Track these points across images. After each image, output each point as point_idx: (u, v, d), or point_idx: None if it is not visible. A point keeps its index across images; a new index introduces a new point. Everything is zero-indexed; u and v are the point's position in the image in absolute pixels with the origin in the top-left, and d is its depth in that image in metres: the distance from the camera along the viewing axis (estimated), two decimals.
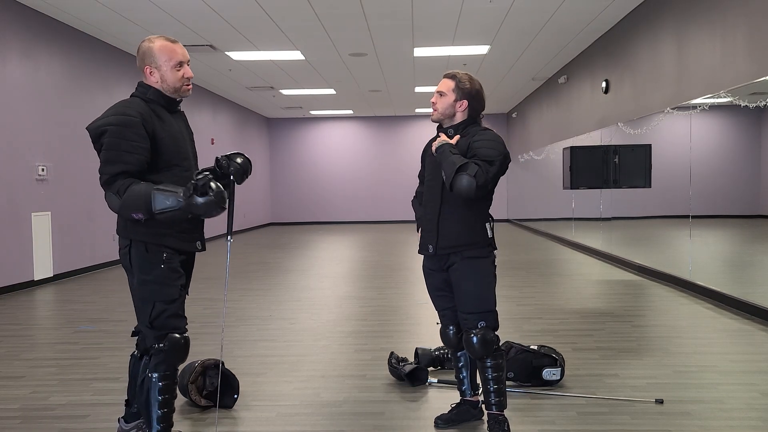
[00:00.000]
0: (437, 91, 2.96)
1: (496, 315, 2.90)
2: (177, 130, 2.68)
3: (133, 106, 2.54)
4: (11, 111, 7.17)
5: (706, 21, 6.16)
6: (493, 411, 2.86)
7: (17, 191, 7.24)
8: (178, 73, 2.63)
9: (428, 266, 3.03)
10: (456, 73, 2.95)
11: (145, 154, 2.50)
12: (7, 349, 4.61)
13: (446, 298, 3.00)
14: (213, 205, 2.41)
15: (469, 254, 2.86)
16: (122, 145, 2.46)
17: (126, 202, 2.43)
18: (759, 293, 5.38)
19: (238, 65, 10.90)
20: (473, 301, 2.85)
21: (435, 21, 8.29)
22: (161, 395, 2.57)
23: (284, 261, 9.78)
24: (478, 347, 2.82)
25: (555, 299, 6.15)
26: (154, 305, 2.54)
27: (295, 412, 3.24)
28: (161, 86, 2.62)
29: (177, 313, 2.59)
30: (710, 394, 3.40)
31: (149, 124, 2.53)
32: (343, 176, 18.84)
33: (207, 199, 2.40)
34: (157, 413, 2.57)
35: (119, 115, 2.50)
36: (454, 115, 2.94)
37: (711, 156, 6.45)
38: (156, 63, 2.60)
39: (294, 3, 7.41)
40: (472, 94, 2.92)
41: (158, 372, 2.56)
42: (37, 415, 3.25)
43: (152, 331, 2.56)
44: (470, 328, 2.85)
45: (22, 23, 7.35)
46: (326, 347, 4.50)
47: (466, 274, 2.86)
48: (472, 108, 2.94)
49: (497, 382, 2.85)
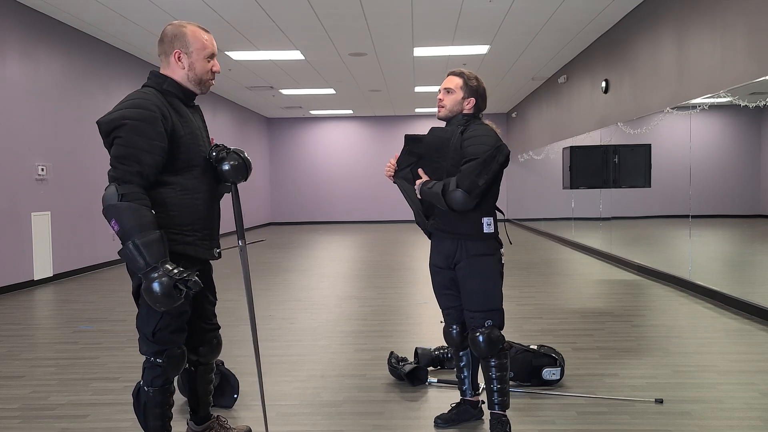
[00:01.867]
0: (444, 88, 2.92)
1: (503, 313, 2.89)
2: (196, 127, 2.49)
3: (151, 99, 2.32)
4: (11, 111, 7.17)
5: (706, 21, 6.16)
6: (495, 411, 2.85)
7: (17, 191, 7.24)
8: (208, 65, 2.46)
9: (435, 264, 3.01)
10: (463, 70, 2.94)
11: (162, 155, 2.30)
12: (6, 349, 4.61)
13: (452, 297, 2.99)
14: (158, 297, 2.18)
15: (475, 252, 2.85)
16: (140, 143, 2.25)
17: (119, 211, 2.21)
18: (759, 293, 5.38)
19: (238, 65, 10.90)
20: (479, 300, 2.84)
21: (435, 21, 8.29)
22: (159, 408, 2.46)
23: (284, 261, 9.78)
24: (484, 346, 2.82)
25: (555, 299, 6.15)
26: (162, 316, 2.35)
27: (295, 412, 3.24)
28: (186, 74, 2.42)
29: (182, 327, 2.44)
30: (710, 394, 3.40)
31: (168, 120, 2.33)
32: (343, 176, 18.83)
33: (159, 292, 2.18)
34: (156, 424, 2.47)
35: (137, 109, 2.28)
36: (461, 113, 2.93)
37: (711, 156, 6.45)
38: (188, 48, 2.41)
39: (294, 3, 7.41)
40: (480, 92, 2.92)
41: (155, 386, 2.43)
42: (37, 415, 3.25)
43: (152, 344, 2.39)
44: (476, 327, 2.83)
45: (22, 23, 7.35)
46: (326, 347, 4.50)
47: (473, 272, 2.85)
48: (478, 107, 2.94)
49: (501, 381, 2.84)
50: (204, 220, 2.50)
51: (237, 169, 2.52)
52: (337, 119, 18.79)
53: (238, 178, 2.55)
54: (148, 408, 2.45)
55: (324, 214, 18.89)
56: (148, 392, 2.44)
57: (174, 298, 2.21)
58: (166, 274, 2.19)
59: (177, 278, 2.19)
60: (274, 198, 18.96)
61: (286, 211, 19.00)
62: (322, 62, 10.81)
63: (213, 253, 2.56)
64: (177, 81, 2.44)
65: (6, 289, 6.99)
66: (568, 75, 11.26)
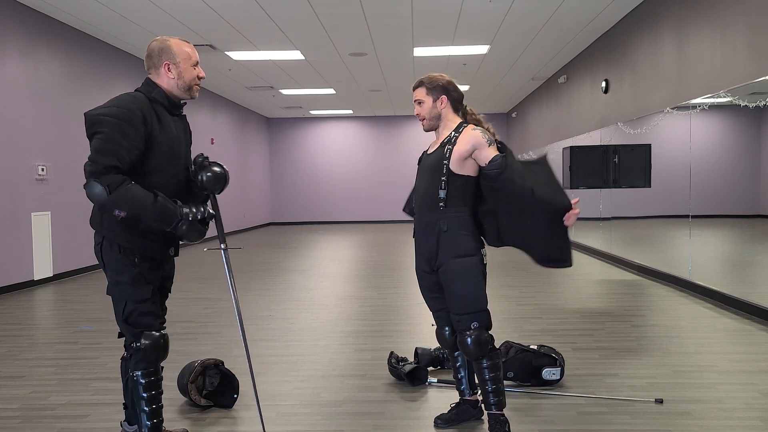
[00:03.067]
0: (415, 101, 3.00)
1: (489, 314, 2.87)
2: (174, 135, 2.66)
3: (137, 103, 2.52)
4: (11, 111, 7.17)
5: (705, 21, 6.16)
6: (492, 411, 2.85)
7: (17, 191, 7.24)
8: (194, 72, 2.65)
9: (421, 268, 3.00)
10: (421, 78, 2.99)
11: (137, 157, 2.49)
12: (7, 349, 4.61)
13: (439, 299, 2.98)
14: (194, 235, 2.56)
15: (455, 254, 2.83)
16: (120, 140, 2.43)
17: (118, 200, 2.40)
18: (759, 293, 5.38)
19: (238, 65, 10.90)
20: (464, 302, 2.83)
21: (435, 21, 8.29)
22: (146, 392, 2.60)
23: (284, 261, 9.78)
24: (472, 348, 2.81)
25: (555, 299, 6.15)
26: (126, 304, 2.57)
27: (295, 412, 3.24)
28: (176, 83, 2.62)
29: (150, 311, 2.60)
30: (710, 394, 3.40)
31: (148, 124, 2.51)
32: (343, 176, 18.83)
33: (193, 229, 2.56)
34: (145, 410, 2.61)
35: (123, 109, 2.47)
36: (440, 114, 2.96)
37: (711, 156, 6.45)
38: (175, 59, 2.61)
39: (294, 3, 7.41)
40: (444, 86, 2.94)
41: (139, 369, 2.59)
42: (37, 415, 3.25)
43: (128, 327, 2.59)
44: (463, 330, 2.83)
45: (22, 23, 7.35)
46: (326, 347, 4.50)
47: (455, 274, 2.83)
48: (452, 99, 2.95)
49: (495, 381, 2.84)
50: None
51: (215, 180, 2.73)
52: (337, 119, 18.79)
53: (216, 188, 2.74)
54: (138, 393, 2.61)
55: (324, 214, 18.89)
56: (134, 378, 2.60)
57: (201, 231, 2.60)
58: (187, 218, 2.55)
59: (199, 218, 2.57)
60: (274, 198, 18.96)
61: (286, 211, 19.00)
62: (322, 62, 10.81)
63: (168, 251, 2.72)
64: (165, 90, 2.63)
65: (6, 289, 6.99)
66: (568, 75, 11.26)
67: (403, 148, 18.44)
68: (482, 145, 2.81)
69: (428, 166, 2.95)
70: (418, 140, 18.37)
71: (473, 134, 2.84)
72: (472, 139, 2.83)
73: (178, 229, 2.53)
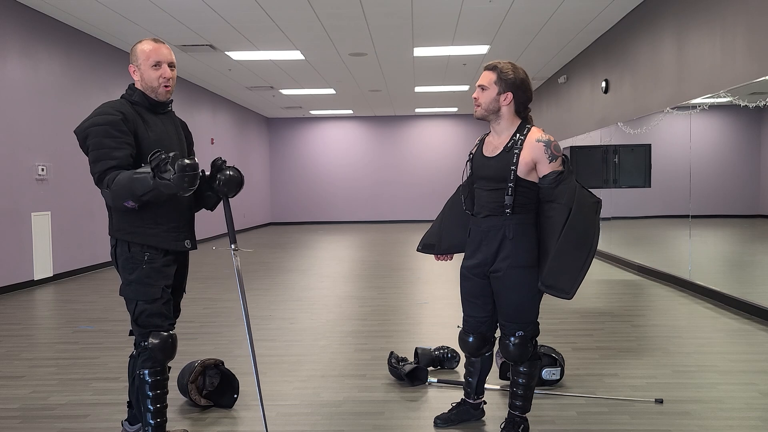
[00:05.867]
0: (478, 85, 2.76)
1: (537, 326, 2.81)
2: (162, 131, 2.70)
3: (116, 106, 2.59)
4: (11, 111, 7.17)
5: (705, 21, 6.16)
6: (515, 412, 2.85)
7: (17, 191, 7.24)
8: (155, 73, 2.63)
9: (471, 271, 2.84)
10: (497, 63, 2.75)
11: (131, 149, 2.54)
12: (7, 348, 4.61)
13: (477, 306, 2.85)
14: (181, 180, 2.36)
15: (516, 264, 2.71)
16: (108, 143, 2.50)
17: (115, 193, 2.46)
18: (759, 293, 5.38)
19: (238, 65, 10.90)
20: (515, 312, 2.75)
21: (435, 21, 8.29)
22: (152, 391, 2.63)
23: (284, 261, 9.78)
24: (513, 352, 2.76)
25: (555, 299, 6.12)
26: (137, 304, 2.60)
27: (294, 412, 3.24)
28: (142, 86, 2.66)
29: (159, 312, 2.62)
30: (710, 394, 3.40)
31: (131, 123, 2.57)
32: (343, 176, 18.83)
33: (173, 176, 2.37)
34: (150, 409, 2.63)
35: (102, 115, 2.55)
36: (498, 110, 2.74)
37: (711, 156, 6.45)
38: (137, 62, 2.65)
39: (294, 3, 7.41)
40: (517, 84, 2.71)
41: (146, 368, 2.62)
42: (37, 415, 3.25)
43: (138, 328, 2.63)
44: (508, 335, 2.78)
45: (22, 23, 7.35)
46: (326, 347, 4.50)
47: (512, 283, 2.72)
48: (518, 101, 2.73)
49: (526, 388, 2.82)
50: (168, 214, 2.65)
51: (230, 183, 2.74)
52: (337, 119, 18.79)
53: (231, 192, 2.77)
54: (144, 392, 2.64)
55: (324, 214, 18.89)
56: (141, 376, 2.63)
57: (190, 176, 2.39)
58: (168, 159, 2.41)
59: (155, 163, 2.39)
60: (274, 198, 18.96)
61: (286, 211, 19.00)
62: (322, 62, 10.81)
63: (183, 244, 2.71)
64: (142, 91, 2.67)
65: (6, 289, 6.99)
66: (568, 75, 11.26)
67: (403, 148, 18.44)
68: (542, 160, 2.66)
69: (492, 168, 2.75)
70: (418, 140, 18.39)
71: (536, 147, 2.67)
72: (533, 151, 2.67)
73: (162, 185, 2.37)
